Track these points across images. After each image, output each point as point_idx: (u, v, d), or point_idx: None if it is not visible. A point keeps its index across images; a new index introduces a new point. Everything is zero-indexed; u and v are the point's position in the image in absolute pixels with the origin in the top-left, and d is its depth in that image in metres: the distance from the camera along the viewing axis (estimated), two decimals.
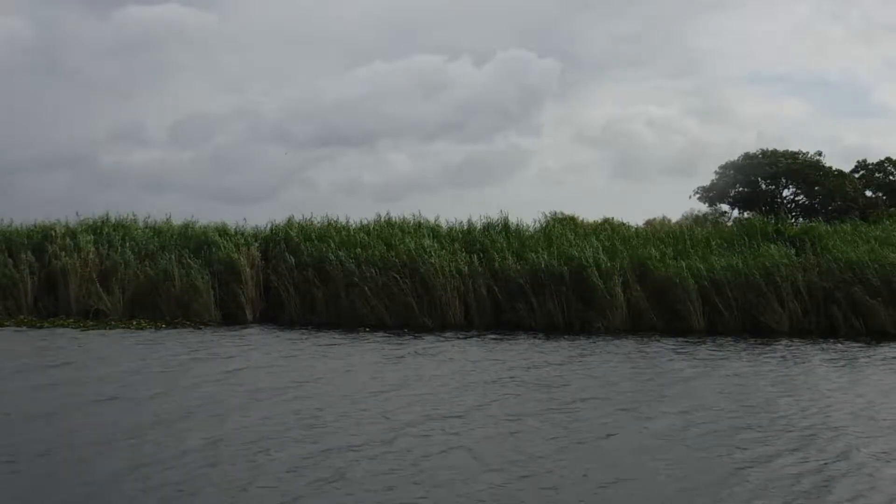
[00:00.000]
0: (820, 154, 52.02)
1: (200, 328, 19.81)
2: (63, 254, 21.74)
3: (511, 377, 13.61)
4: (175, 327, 19.80)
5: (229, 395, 11.90)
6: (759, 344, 18.07)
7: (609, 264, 20.71)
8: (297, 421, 10.18)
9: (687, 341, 18.31)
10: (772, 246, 21.64)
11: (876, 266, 20.27)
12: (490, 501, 7.43)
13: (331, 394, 12.04)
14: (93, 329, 19.34)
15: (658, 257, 21.17)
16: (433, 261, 21.07)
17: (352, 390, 12.30)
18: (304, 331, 19.59)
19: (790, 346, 17.87)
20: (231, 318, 21.16)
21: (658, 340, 18.41)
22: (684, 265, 20.67)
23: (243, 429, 9.75)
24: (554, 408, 11.20)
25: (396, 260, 21.29)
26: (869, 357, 16.48)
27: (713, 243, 22.36)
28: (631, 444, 9.40)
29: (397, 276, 20.91)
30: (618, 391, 12.65)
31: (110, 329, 19.41)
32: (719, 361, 15.76)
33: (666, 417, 10.74)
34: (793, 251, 21.41)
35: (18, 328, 19.43)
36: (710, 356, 16.35)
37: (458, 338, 18.68)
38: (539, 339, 18.75)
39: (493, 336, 19.08)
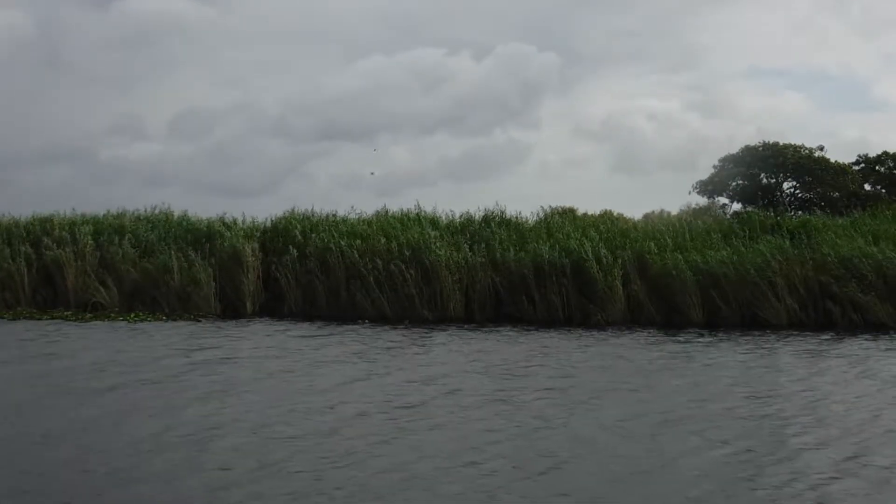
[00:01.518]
0: (822, 148, 51.96)
1: (200, 320, 19.78)
2: (58, 246, 21.69)
3: (480, 369, 13.69)
4: (175, 320, 19.77)
5: (188, 387, 11.86)
6: (745, 337, 18.01)
7: (609, 258, 20.67)
8: (245, 413, 10.26)
9: (677, 335, 18.22)
10: (769, 240, 21.59)
11: (870, 262, 20.20)
12: (417, 489, 7.46)
13: (290, 388, 12.00)
14: (86, 321, 19.30)
15: (656, 251, 21.14)
16: (439, 251, 21.01)
17: (312, 384, 12.27)
18: (301, 323, 19.56)
19: (775, 339, 17.75)
20: (231, 310, 21.14)
21: (649, 334, 18.38)
22: (681, 258, 20.64)
23: (190, 422, 9.77)
24: (507, 398, 11.29)
25: (400, 251, 21.24)
26: (839, 349, 16.42)
27: (712, 236, 22.33)
28: (575, 433, 9.46)
29: (401, 266, 20.87)
30: (577, 382, 12.70)
31: (98, 321, 19.31)
32: (696, 353, 15.81)
33: (617, 408, 10.83)
34: (789, 245, 21.33)
35: (12, 320, 19.41)
36: (686, 349, 16.36)
37: (442, 330, 18.70)
38: (529, 331, 18.72)
39: (479, 329, 19.06)
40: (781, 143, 51.94)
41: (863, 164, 53.07)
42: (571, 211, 28.52)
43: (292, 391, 11.72)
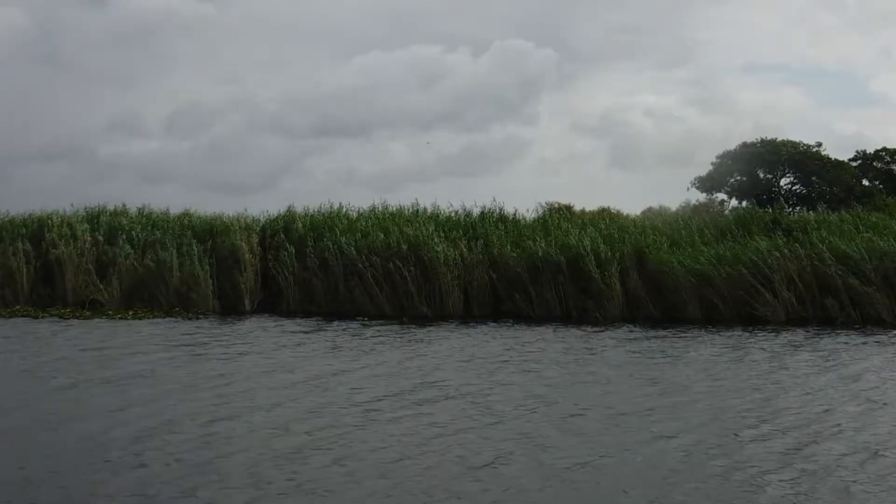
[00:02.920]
0: (819, 145, 51.99)
1: (198, 318, 19.79)
2: (60, 242, 21.69)
3: (452, 365, 13.72)
4: (173, 317, 19.77)
5: (153, 384, 11.81)
6: (732, 333, 17.99)
7: (608, 253, 20.69)
8: (203, 407, 10.30)
9: (668, 331, 18.15)
10: (764, 236, 21.60)
11: (871, 258, 20.21)
12: (351, 485, 7.48)
13: (265, 384, 11.96)
14: (79, 319, 19.31)
15: (653, 248, 21.13)
16: (438, 248, 21.01)
17: (286, 380, 12.22)
18: (298, 321, 19.56)
19: (763, 335, 17.68)
20: (230, 308, 21.15)
21: (639, 330, 18.32)
22: (676, 257, 20.64)
23: (140, 418, 9.76)
24: (469, 393, 11.30)
25: (399, 247, 21.24)
26: (815, 344, 16.42)
27: (708, 233, 22.34)
28: (522, 428, 9.46)
29: (399, 264, 20.88)
30: (543, 378, 12.69)
31: (91, 319, 19.31)
32: (671, 349, 15.81)
33: (574, 402, 10.86)
34: (786, 241, 21.32)
35: (9, 317, 19.43)
36: (665, 345, 16.33)
37: (435, 326, 18.72)
38: (521, 327, 18.71)
39: (474, 325, 19.07)
40: (779, 140, 52.01)
41: (860, 160, 53.14)
42: (568, 208, 28.54)
43: (257, 387, 11.67)
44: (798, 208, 42.64)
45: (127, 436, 8.87)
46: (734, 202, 50.80)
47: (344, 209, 24.63)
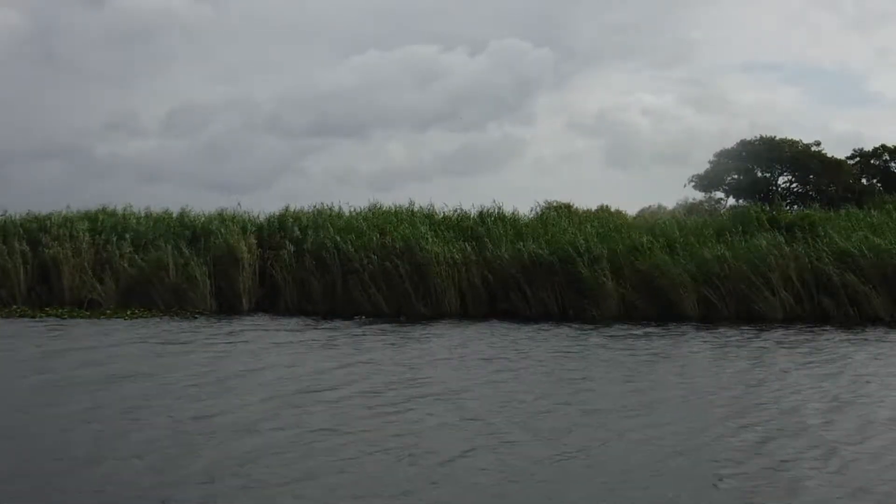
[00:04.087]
0: (818, 144, 51.97)
1: (195, 318, 19.77)
2: (56, 243, 21.67)
3: (428, 363, 13.76)
4: (171, 317, 19.74)
5: (126, 384, 11.79)
6: (722, 331, 18.00)
7: (604, 252, 20.66)
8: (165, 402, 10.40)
9: (658, 329, 18.15)
10: (762, 235, 21.59)
11: (869, 255, 20.23)
12: (300, 484, 7.46)
13: (244, 383, 11.97)
14: (82, 318, 19.31)
15: (648, 246, 21.09)
16: (430, 248, 21.01)
17: (263, 379, 12.22)
18: (293, 320, 19.56)
19: (753, 333, 17.68)
20: (228, 307, 21.14)
21: (630, 329, 18.28)
22: (670, 256, 20.63)
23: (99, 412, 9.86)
24: (435, 392, 11.32)
25: (394, 246, 21.24)
26: (801, 342, 16.48)
27: (706, 233, 22.31)
28: (485, 427, 9.47)
29: (396, 263, 20.86)
30: (514, 375, 12.72)
31: (82, 319, 19.28)
32: (647, 346, 15.87)
33: (540, 401, 10.87)
34: (783, 240, 21.32)
35: (6, 318, 19.43)
36: (641, 343, 16.36)
37: (428, 325, 18.73)
38: (513, 326, 18.67)
39: (468, 324, 19.05)
40: (778, 138, 51.99)
41: (858, 158, 53.14)
42: (567, 206, 28.52)
43: (236, 386, 11.67)
44: (796, 207, 42.61)
45: (89, 435, 8.87)
46: (732, 200, 50.81)
47: (339, 208, 24.69)
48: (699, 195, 52.21)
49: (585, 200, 37.82)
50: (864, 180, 52.04)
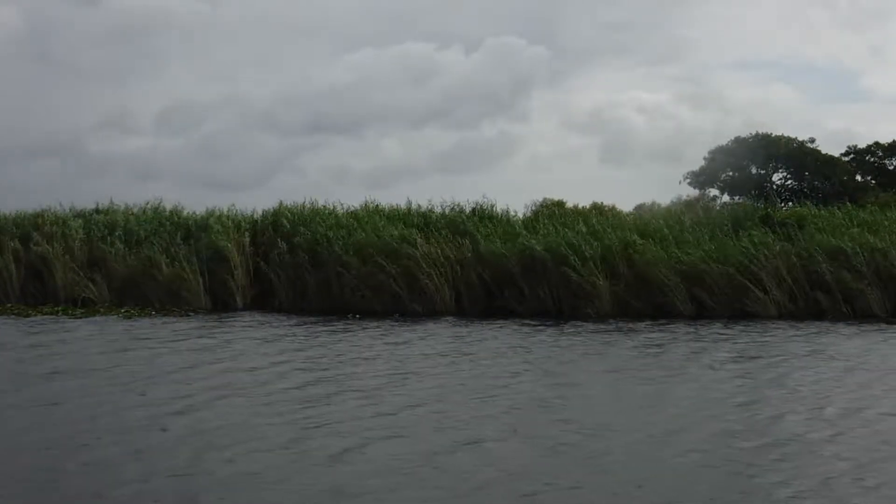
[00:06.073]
0: (812, 141, 52.04)
1: (188, 315, 19.73)
2: (47, 241, 21.61)
3: (399, 358, 13.81)
4: (165, 315, 19.69)
5: (88, 382, 11.74)
6: (714, 328, 18.00)
7: (592, 250, 20.62)
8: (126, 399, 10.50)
9: (648, 327, 18.12)
10: (756, 233, 21.61)
11: (862, 253, 20.25)
12: (235, 478, 7.51)
13: (211, 382, 11.85)
14: (68, 316, 19.22)
15: (641, 244, 21.07)
16: (418, 249, 20.94)
17: (235, 379, 12.14)
18: (285, 318, 19.48)
19: (743, 330, 17.66)
20: (222, 305, 21.09)
21: (619, 326, 18.29)
22: (664, 253, 20.63)
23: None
24: (395, 388, 11.37)
25: (386, 244, 21.19)
26: (785, 339, 16.51)
27: (699, 230, 22.31)
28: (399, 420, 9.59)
29: (384, 263, 20.83)
30: (474, 374, 12.75)
31: (76, 317, 19.19)
32: (623, 342, 16.06)
33: (488, 395, 10.93)
34: (777, 236, 21.32)
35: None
36: (616, 339, 16.51)
37: (417, 324, 18.66)
38: (504, 324, 18.62)
39: (459, 322, 19.01)
40: (772, 135, 52.05)
41: (852, 155, 53.25)
42: (560, 204, 28.52)
43: (205, 385, 11.58)
44: (790, 203, 42.70)
45: (45, 435, 8.84)
46: (726, 197, 50.87)
47: (332, 206, 24.60)
48: (694, 192, 52.32)
49: (581, 197, 37.77)
50: (858, 177, 52.16)
